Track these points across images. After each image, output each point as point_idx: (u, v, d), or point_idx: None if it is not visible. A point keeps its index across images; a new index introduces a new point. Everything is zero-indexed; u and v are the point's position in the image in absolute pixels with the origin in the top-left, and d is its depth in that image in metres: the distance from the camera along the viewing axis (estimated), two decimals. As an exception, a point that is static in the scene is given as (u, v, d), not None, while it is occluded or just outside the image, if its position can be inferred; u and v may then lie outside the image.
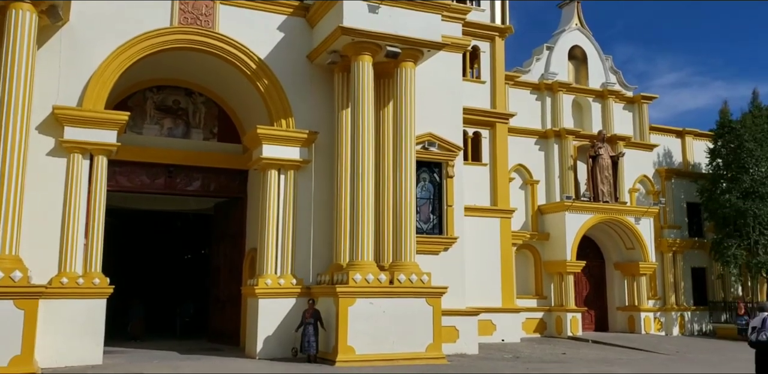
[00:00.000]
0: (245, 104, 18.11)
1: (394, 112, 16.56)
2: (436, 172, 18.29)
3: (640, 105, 26.98)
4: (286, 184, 16.60)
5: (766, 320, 10.22)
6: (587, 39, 26.58)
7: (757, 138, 25.38)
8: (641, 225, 24.77)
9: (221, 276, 19.74)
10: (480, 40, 22.20)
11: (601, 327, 25.07)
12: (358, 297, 14.87)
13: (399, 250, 15.75)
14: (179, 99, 18.71)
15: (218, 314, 19.46)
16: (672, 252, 26.52)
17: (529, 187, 24.19)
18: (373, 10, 15.95)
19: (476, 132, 21.73)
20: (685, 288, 26.70)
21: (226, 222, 19.83)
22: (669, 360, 17.76)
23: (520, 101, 24.24)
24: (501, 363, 15.77)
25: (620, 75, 27.04)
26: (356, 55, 16.06)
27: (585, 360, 17.23)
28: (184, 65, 17.49)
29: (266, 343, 15.46)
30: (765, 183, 24.88)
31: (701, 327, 26.49)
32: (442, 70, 18.42)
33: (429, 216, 18.10)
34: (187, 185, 18.59)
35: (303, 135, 16.72)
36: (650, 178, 26.84)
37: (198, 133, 18.76)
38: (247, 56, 16.67)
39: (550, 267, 23.70)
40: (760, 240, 24.85)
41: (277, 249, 16.23)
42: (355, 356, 14.55)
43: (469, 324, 17.72)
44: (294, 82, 17.03)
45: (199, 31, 16.31)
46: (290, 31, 17.25)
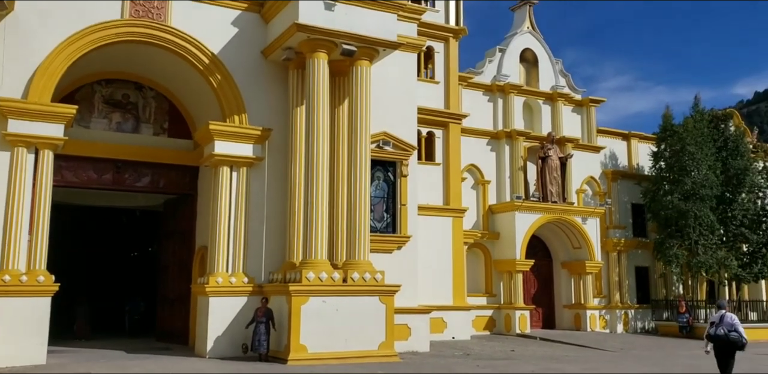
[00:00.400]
0: (197, 99, 17.83)
1: (350, 110, 16.55)
2: (390, 170, 18.36)
3: (588, 108, 27.62)
4: (238, 181, 16.42)
5: (724, 317, 11.32)
6: (538, 42, 27.07)
7: (698, 142, 26.26)
8: (588, 225, 25.37)
9: (170, 274, 19.39)
10: (434, 41, 22.36)
11: (549, 324, 25.58)
12: (311, 296, 14.82)
13: (353, 249, 15.76)
14: (129, 93, 18.30)
15: (167, 313, 19.11)
16: (617, 252, 27.23)
17: (481, 187, 24.51)
18: (329, 8, 15.92)
19: (430, 132, 21.89)
20: (629, 286, 27.43)
21: (176, 219, 19.49)
22: (614, 357, 18.23)
23: (473, 102, 24.54)
24: (452, 361, 15.93)
25: (569, 78, 27.63)
26: (311, 52, 15.99)
27: (533, 357, 17.56)
28: (135, 59, 17.12)
29: (217, 342, 15.27)
30: (705, 185, 25.76)
31: (644, 325, 27.26)
32: (397, 69, 18.51)
33: (383, 214, 18.16)
34: (135, 181, 18.20)
35: (256, 132, 16.56)
36: (597, 180, 27.51)
37: (148, 128, 18.40)
38: (199, 51, 16.42)
39: (500, 266, 24.06)
40: (700, 241, 25.72)
41: (229, 247, 16.03)
42: (307, 354, 14.50)
43: (420, 322, 17.85)
44: (248, 78, 16.86)
45: (150, 25, 15.99)
46: (244, 27, 17.07)
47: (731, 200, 27.21)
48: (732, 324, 11.26)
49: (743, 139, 28.77)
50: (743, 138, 28.84)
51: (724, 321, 11.29)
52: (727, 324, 11.27)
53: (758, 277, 27.69)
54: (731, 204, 27.16)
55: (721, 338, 11.20)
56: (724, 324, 11.25)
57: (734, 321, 11.32)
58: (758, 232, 27.44)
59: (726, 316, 11.40)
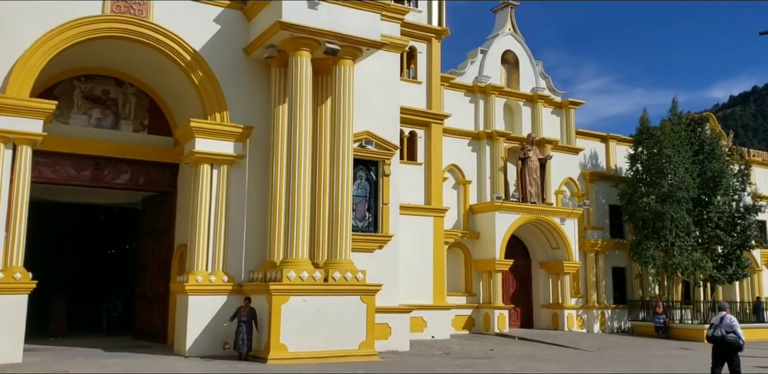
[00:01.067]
0: (178, 96, 17.70)
1: (332, 109, 16.54)
2: (372, 170, 18.37)
3: (568, 110, 27.87)
4: (219, 179, 16.33)
5: (724, 318, 11.58)
6: (519, 44, 27.26)
7: (676, 144, 26.62)
8: (566, 225, 25.60)
9: (149, 272, 19.24)
10: (417, 41, 22.41)
11: (527, 323, 25.78)
12: (291, 295, 14.79)
13: (334, 248, 15.75)
14: (109, 89, 18.13)
15: (145, 311, 18.96)
16: (594, 253, 27.50)
17: (462, 187, 24.62)
18: (312, 7, 15.90)
19: (412, 131, 21.94)
20: (606, 287, 27.74)
21: (155, 216, 19.34)
22: (591, 357, 18.42)
23: (455, 102, 24.64)
24: (432, 360, 16.00)
25: (549, 80, 27.85)
26: (294, 50, 15.95)
27: (512, 356, 17.68)
28: (115, 55, 16.96)
29: (196, 341, 15.17)
30: (682, 187, 26.12)
31: (620, 325, 27.57)
32: (380, 69, 18.52)
33: (364, 214, 18.16)
34: (115, 178, 18.03)
35: (238, 129, 16.48)
36: (575, 181, 27.76)
37: (128, 124, 18.23)
38: (181, 47, 16.31)
39: (479, 266, 24.20)
40: (676, 242, 26.07)
41: (209, 245, 15.94)
42: (287, 354, 14.47)
43: (401, 321, 17.90)
44: (229, 76, 16.78)
45: (132, 20, 15.86)
46: (227, 24, 16.99)
47: (707, 202, 27.60)
48: (731, 326, 11.48)
49: (719, 142, 29.20)
50: (719, 141, 29.28)
51: (723, 322, 11.55)
52: (726, 325, 11.49)
53: (732, 279, 28.13)
54: (707, 206, 27.56)
55: (719, 339, 11.47)
56: (723, 325, 11.50)
57: (733, 323, 11.54)
58: (733, 234, 27.86)
59: (726, 318, 11.63)
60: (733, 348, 11.48)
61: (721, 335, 11.42)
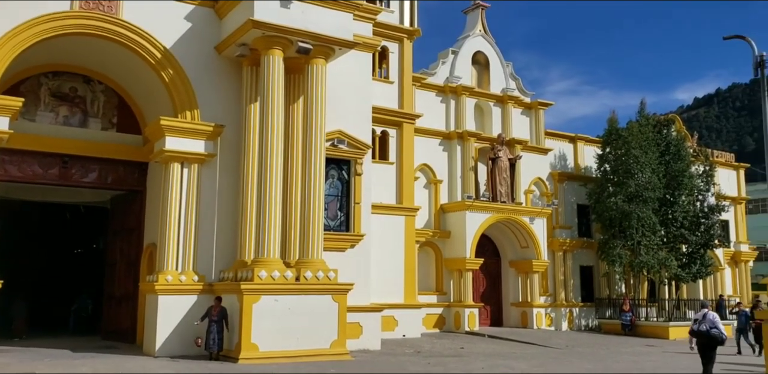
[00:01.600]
0: (148, 94, 17.52)
1: (304, 108, 16.53)
2: (344, 169, 18.40)
3: (537, 111, 28.22)
4: (189, 177, 16.21)
5: (707, 315, 12.36)
6: (490, 45, 27.50)
7: (643, 145, 27.12)
8: (535, 225, 25.91)
9: (117, 271, 18.99)
10: (389, 41, 22.51)
11: (497, 322, 26.04)
12: (263, 295, 14.75)
13: (306, 247, 15.75)
14: (77, 86, 17.87)
15: (114, 311, 18.71)
16: (563, 251, 27.88)
17: (433, 186, 24.78)
18: (285, 5, 15.86)
19: (384, 131, 22.03)
20: (573, 285, 28.14)
21: (124, 215, 19.11)
22: (560, 354, 18.70)
23: (426, 102, 24.79)
24: (403, 359, 16.08)
25: (519, 81, 28.16)
26: (266, 49, 15.91)
27: (482, 354, 17.87)
28: (84, 51, 16.73)
29: (166, 341, 15.04)
30: (648, 188, 26.62)
31: (588, 323, 28.00)
32: (352, 68, 18.55)
33: (336, 213, 18.18)
34: (82, 176, 17.79)
35: (209, 128, 16.38)
36: (544, 181, 28.12)
37: (96, 122, 18.00)
38: (152, 45, 16.15)
39: (450, 264, 24.37)
40: (643, 241, 26.57)
41: (179, 244, 15.82)
42: (258, 353, 14.44)
43: (372, 320, 17.96)
44: (200, 74, 16.67)
45: (101, 17, 15.65)
46: (197, 22, 16.86)
47: (672, 202, 28.17)
48: (713, 322, 12.22)
49: (684, 143, 29.81)
50: (684, 142, 29.89)
51: (706, 318, 12.29)
52: (708, 321, 12.22)
53: (696, 277, 28.75)
54: (672, 206, 28.12)
55: (704, 334, 12.19)
56: (706, 321, 12.24)
57: (715, 319, 12.28)
58: (697, 234, 28.48)
59: (708, 314, 12.36)
60: (716, 343, 12.22)
61: (705, 330, 12.15)
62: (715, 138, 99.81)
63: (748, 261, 35.15)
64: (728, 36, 12.64)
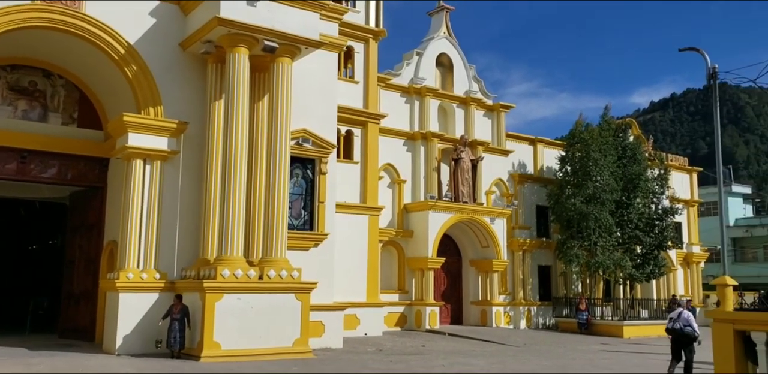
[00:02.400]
0: (110, 90, 17.31)
1: (269, 106, 16.54)
2: (309, 168, 18.44)
3: (499, 113, 28.65)
4: (151, 174, 16.07)
5: (681, 313, 13.13)
6: (454, 48, 27.81)
7: (602, 149, 27.77)
8: (496, 225, 26.32)
9: (76, 269, 18.70)
10: (354, 41, 22.59)
11: (457, 320, 26.37)
12: (225, 293, 14.72)
13: (269, 246, 15.76)
14: (36, 80, 17.56)
15: (72, 309, 18.42)
16: (522, 251, 28.36)
17: (397, 186, 24.97)
18: (251, 4, 15.84)
19: (349, 130, 22.12)
20: (532, 284, 28.65)
21: (83, 212, 18.82)
22: (518, 352, 19.07)
23: (391, 103, 24.96)
24: (365, 357, 16.23)
25: (482, 84, 28.54)
26: (232, 46, 15.87)
27: (443, 352, 18.13)
28: (45, 45, 16.46)
29: (126, 339, 14.91)
30: (606, 190, 27.28)
31: (545, 321, 28.54)
32: (318, 67, 18.61)
33: (300, 212, 18.22)
34: (41, 172, 17.47)
35: (172, 125, 16.27)
36: (505, 182, 28.57)
37: (56, 117, 17.71)
38: (115, 40, 15.97)
39: (412, 264, 24.60)
40: (599, 242, 27.21)
41: (140, 242, 15.68)
42: (220, 351, 14.41)
43: (335, 318, 18.06)
44: (164, 70, 16.53)
45: (63, 11, 15.42)
46: (162, 18, 16.72)
47: (628, 204, 28.89)
48: (687, 320, 12.98)
49: (640, 147, 30.58)
50: (640, 146, 30.67)
51: (681, 317, 13.05)
52: (683, 319, 12.99)
53: (650, 277, 29.54)
54: (628, 208, 28.84)
55: (678, 331, 13.00)
56: (680, 319, 13.02)
57: (689, 318, 13.03)
58: (651, 235, 29.27)
59: (683, 313, 13.11)
60: (689, 340, 13.00)
61: (679, 328, 12.93)
62: (670, 141, 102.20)
63: (699, 262, 36.24)
64: (683, 48, 13.11)
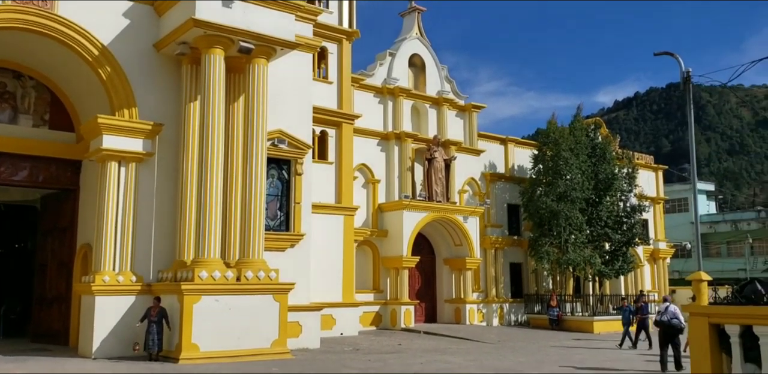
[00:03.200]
0: (82, 91, 17.15)
1: (245, 107, 16.53)
2: (284, 169, 18.48)
3: (470, 113, 28.98)
4: (126, 176, 15.96)
5: (668, 307, 14.43)
6: (426, 48, 28.06)
7: (573, 148, 28.27)
8: (468, 223, 26.64)
9: (48, 272, 18.48)
10: (328, 41, 22.65)
11: (431, 318, 26.64)
12: (203, 295, 14.72)
13: (246, 247, 15.78)
14: (6, 81, 17.35)
15: (45, 313, 18.20)
16: (494, 249, 28.74)
17: (371, 186, 25.12)
18: (226, 5, 15.82)
19: (323, 131, 22.19)
20: (504, 282, 29.05)
21: (55, 215, 18.61)
22: (493, 348, 19.36)
23: (365, 103, 25.09)
24: (343, 356, 16.35)
25: (454, 84, 28.83)
26: (207, 48, 15.84)
27: (420, 350, 18.33)
28: (15, 46, 16.24)
29: (103, 342, 14.80)
30: (576, 188, 27.78)
31: (517, 318, 28.96)
32: (293, 68, 18.65)
33: (276, 212, 18.25)
34: (12, 174, 17.27)
35: (147, 126, 16.18)
36: (477, 181, 28.91)
37: (27, 119, 17.51)
38: (88, 41, 15.83)
39: (387, 263, 24.78)
40: (570, 239, 27.72)
41: (116, 244, 15.57)
42: (199, 353, 14.41)
43: (312, 319, 18.15)
44: (139, 71, 16.42)
45: (35, 11, 15.24)
46: (136, 19, 16.61)
47: (597, 202, 29.46)
48: (674, 313, 14.26)
49: (609, 146, 31.18)
50: (609, 145, 31.26)
51: (668, 310, 14.29)
52: (670, 313, 14.26)
53: (618, 273, 30.18)
54: (597, 206, 29.41)
55: (665, 323, 14.29)
56: (668, 313, 14.27)
57: (676, 311, 14.30)
58: (619, 232, 29.89)
59: (670, 307, 14.37)
60: (676, 331, 14.27)
61: (667, 320, 14.21)
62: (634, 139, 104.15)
63: (665, 258, 37.10)
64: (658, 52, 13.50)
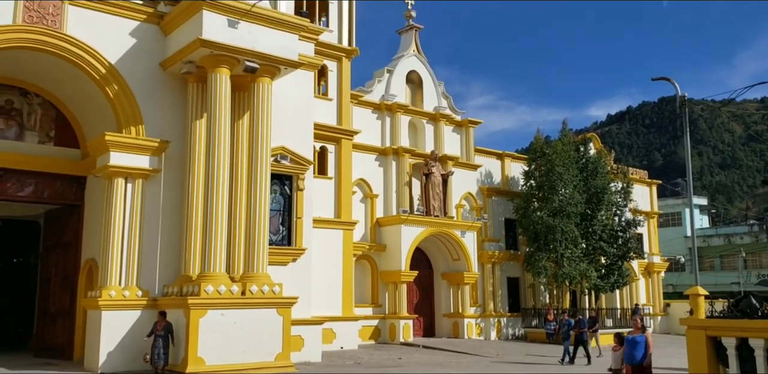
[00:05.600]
0: (89, 109, 17.46)
1: (250, 125, 16.86)
2: (287, 184, 18.80)
3: (467, 128, 29.40)
4: (133, 192, 16.24)
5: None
6: (423, 65, 28.53)
7: (566, 163, 28.69)
8: (466, 238, 26.94)
9: (51, 287, 18.68)
10: (328, 59, 23.08)
11: (429, 332, 26.83)
12: (209, 309, 14.94)
13: (251, 262, 16.03)
14: (13, 99, 17.64)
15: (48, 327, 18.36)
16: (491, 264, 29.01)
17: (369, 201, 25.42)
18: (232, 25, 16.21)
19: (323, 146, 22.55)
20: (501, 296, 29.30)
21: (59, 230, 18.84)
22: (493, 362, 19.61)
23: (363, 119, 25.47)
24: (345, 370, 16.57)
25: (451, 100, 29.28)
26: (214, 67, 16.20)
27: (420, 363, 18.56)
28: (22, 64, 16.58)
29: (109, 356, 15.00)
30: (571, 203, 28.16)
31: (515, 332, 29.18)
32: (295, 86, 19.03)
33: (278, 227, 18.53)
34: (18, 190, 17.53)
35: (153, 143, 16.49)
36: (474, 195, 29.26)
37: (33, 135, 17.80)
38: (96, 60, 16.19)
39: (385, 277, 25.02)
40: (566, 254, 28.04)
41: (122, 259, 15.81)
42: (205, 367, 14.61)
43: (313, 333, 18.36)
44: (145, 89, 16.77)
45: (45, 31, 15.61)
46: (143, 38, 16.99)
47: (592, 217, 29.83)
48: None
49: (601, 160, 31.59)
50: (601, 160, 31.68)
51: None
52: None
53: (614, 287, 30.47)
54: (592, 220, 29.77)
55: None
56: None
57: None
58: (614, 246, 30.24)
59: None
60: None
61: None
62: (627, 153, 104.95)
63: (660, 272, 37.44)
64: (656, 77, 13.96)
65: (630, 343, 11.08)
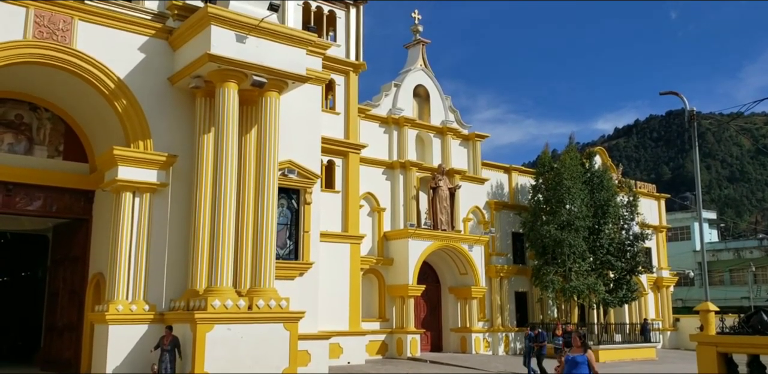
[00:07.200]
0: (97, 123, 17.54)
1: (257, 139, 16.91)
2: (294, 198, 18.80)
3: (474, 142, 29.42)
4: (140, 207, 16.25)
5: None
6: (430, 79, 28.64)
7: (573, 177, 28.63)
8: (473, 252, 26.84)
9: (59, 301, 18.67)
10: (335, 74, 23.18)
11: (436, 347, 26.66)
12: (216, 323, 14.88)
13: (258, 276, 15.99)
14: (22, 113, 17.73)
15: (55, 341, 18.34)
16: (499, 278, 28.87)
17: (377, 214, 25.40)
18: (240, 40, 16.31)
19: (330, 160, 22.58)
20: (509, 310, 29.14)
21: (67, 244, 18.86)
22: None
23: (370, 133, 25.54)
24: (353, 385, 16.44)
25: (458, 114, 29.33)
26: (222, 82, 16.27)
27: (427, 379, 18.40)
28: (32, 79, 16.69)
29: (116, 370, 14.94)
30: (579, 217, 28.05)
31: (523, 347, 28.88)
32: (302, 100, 19.08)
33: (286, 241, 18.51)
34: (27, 205, 17.53)
35: (161, 158, 16.53)
36: (481, 209, 29.20)
37: (42, 150, 17.85)
38: (105, 75, 16.27)
39: (393, 291, 24.91)
40: (574, 268, 27.88)
41: (129, 274, 15.78)
42: (211, 381, 14.52)
43: (320, 347, 18.27)
44: (154, 104, 16.83)
45: (54, 47, 15.70)
46: (151, 53, 17.08)
47: (599, 230, 29.69)
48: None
49: (607, 174, 31.49)
50: (607, 173, 31.59)
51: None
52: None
53: (623, 301, 30.24)
54: (599, 234, 29.64)
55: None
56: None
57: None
58: (623, 260, 30.07)
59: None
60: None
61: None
62: (635, 167, 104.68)
63: (669, 286, 37.15)
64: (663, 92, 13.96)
65: (570, 363, 10.10)
